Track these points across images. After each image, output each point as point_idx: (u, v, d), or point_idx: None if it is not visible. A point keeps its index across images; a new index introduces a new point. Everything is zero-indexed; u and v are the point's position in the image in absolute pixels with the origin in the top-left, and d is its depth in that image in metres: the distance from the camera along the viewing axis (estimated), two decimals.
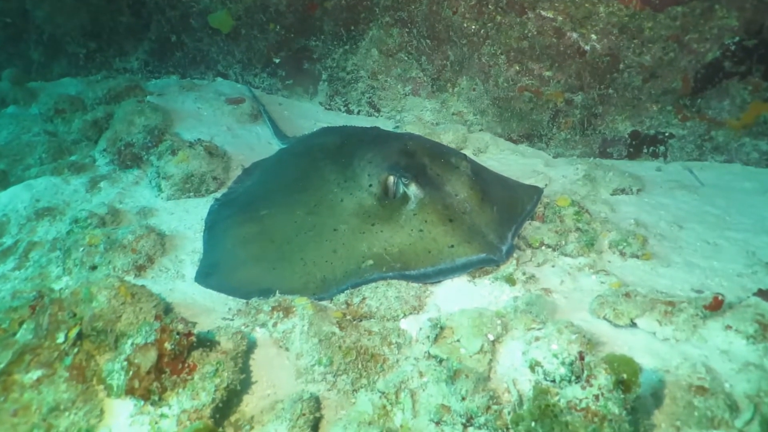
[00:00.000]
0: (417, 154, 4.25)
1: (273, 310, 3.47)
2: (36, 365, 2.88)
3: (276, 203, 4.48)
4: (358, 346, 3.23)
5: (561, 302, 3.78)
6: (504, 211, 4.12)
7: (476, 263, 3.74)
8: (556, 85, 6.16)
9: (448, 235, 3.79)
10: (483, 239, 3.79)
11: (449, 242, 3.77)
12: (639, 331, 3.47)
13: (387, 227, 3.92)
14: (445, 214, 3.87)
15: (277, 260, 4.00)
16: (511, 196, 4.48)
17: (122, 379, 2.79)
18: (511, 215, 4.16)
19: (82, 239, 4.15)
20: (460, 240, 3.78)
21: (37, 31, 8.13)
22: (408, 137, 4.87)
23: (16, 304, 3.29)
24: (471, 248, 3.74)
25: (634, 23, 5.63)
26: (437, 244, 3.79)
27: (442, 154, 4.29)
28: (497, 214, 4.00)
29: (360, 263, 3.83)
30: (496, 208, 4.04)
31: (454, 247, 3.75)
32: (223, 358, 2.89)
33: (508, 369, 3.21)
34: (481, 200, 4.03)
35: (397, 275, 3.74)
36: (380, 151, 4.41)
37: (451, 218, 3.85)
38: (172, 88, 7.67)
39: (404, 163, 4.14)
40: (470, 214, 3.92)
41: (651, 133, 6.24)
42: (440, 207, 3.90)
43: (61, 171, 5.66)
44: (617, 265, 4.31)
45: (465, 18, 6.23)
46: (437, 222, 3.85)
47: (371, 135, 5.07)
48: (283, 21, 7.17)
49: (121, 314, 3.12)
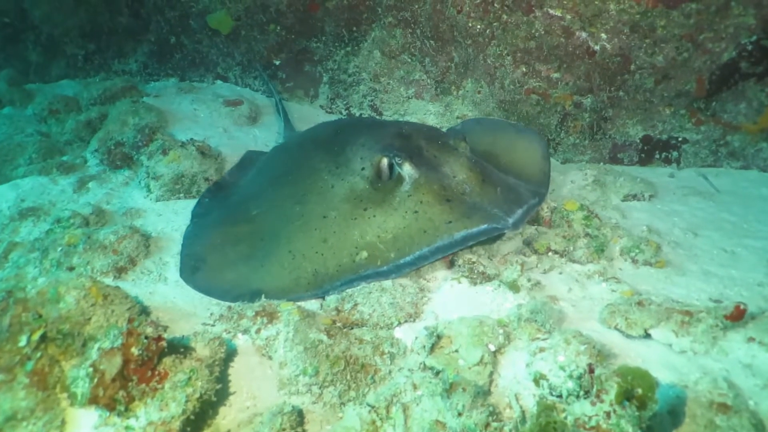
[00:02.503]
0: (413, 136, 4.03)
1: (257, 315, 3.23)
2: None
3: (267, 199, 4.28)
4: (347, 356, 2.98)
5: (568, 311, 3.52)
6: (510, 193, 3.81)
7: (477, 235, 3.47)
8: (565, 87, 5.93)
9: (446, 213, 3.57)
10: (485, 212, 3.54)
11: (447, 219, 3.54)
12: (653, 342, 3.20)
13: (380, 211, 3.70)
14: (442, 194, 3.65)
15: (265, 257, 3.78)
16: (516, 183, 4.15)
17: (86, 387, 2.55)
18: (519, 198, 3.81)
19: (61, 239, 3.93)
20: (458, 216, 3.55)
21: (35, 32, 8.01)
22: (405, 123, 4.66)
23: None
24: (471, 222, 3.49)
25: (646, 21, 5.39)
26: (433, 222, 3.55)
27: (439, 136, 4.06)
28: (502, 195, 3.71)
29: (353, 255, 3.60)
30: (500, 190, 3.76)
31: (452, 222, 3.52)
32: (198, 365, 2.64)
33: (510, 382, 2.95)
34: (482, 181, 3.78)
35: (392, 268, 3.51)
36: (374, 135, 4.19)
37: (449, 198, 3.64)
38: (169, 89, 7.50)
39: (398, 144, 3.94)
40: (470, 194, 3.69)
41: (663, 137, 5.99)
42: (437, 187, 3.68)
43: (50, 171, 5.48)
44: (629, 273, 4.06)
45: (470, 17, 6.01)
46: (433, 202, 3.63)
47: (366, 123, 4.88)
48: (284, 22, 6.99)
49: (90, 316, 2.89)
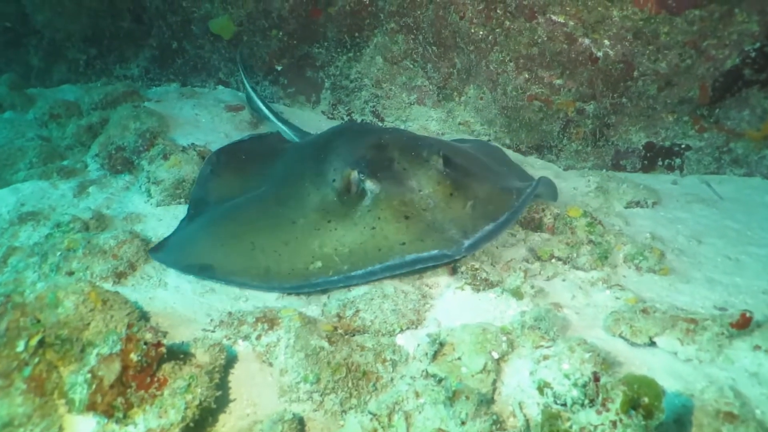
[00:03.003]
0: (389, 147, 4.01)
1: (257, 322, 3.19)
2: None
3: (258, 194, 4.40)
4: (348, 363, 2.94)
5: (572, 318, 3.48)
6: (486, 205, 3.76)
7: (426, 260, 3.45)
8: (567, 93, 5.90)
9: (401, 232, 3.56)
10: (441, 235, 3.50)
11: (401, 239, 3.54)
12: (658, 350, 3.17)
13: (341, 225, 3.74)
14: (401, 210, 3.65)
15: (228, 237, 3.93)
16: (502, 190, 4.06)
17: (84, 393, 2.51)
18: (497, 209, 3.74)
19: (61, 243, 3.91)
20: (412, 237, 3.53)
21: (37, 36, 8.00)
22: (391, 130, 4.70)
23: None
24: (423, 245, 3.47)
25: (649, 28, 5.37)
26: (388, 241, 3.55)
27: (415, 147, 4.00)
28: (471, 210, 3.67)
29: (308, 263, 3.64)
30: (472, 203, 3.71)
31: (405, 244, 3.50)
32: (198, 372, 2.61)
33: (513, 390, 2.91)
34: (450, 195, 3.73)
35: (342, 278, 3.52)
36: (350, 145, 4.23)
37: (408, 215, 3.63)
38: (171, 95, 7.48)
39: (370, 156, 3.95)
40: (433, 210, 3.65)
41: (666, 144, 5.96)
42: (396, 203, 3.68)
43: (50, 175, 5.45)
44: (633, 280, 4.02)
45: (472, 23, 5.99)
46: (391, 219, 3.63)
47: (356, 129, 4.93)
48: (286, 27, 6.97)
49: (89, 322, 2.85)
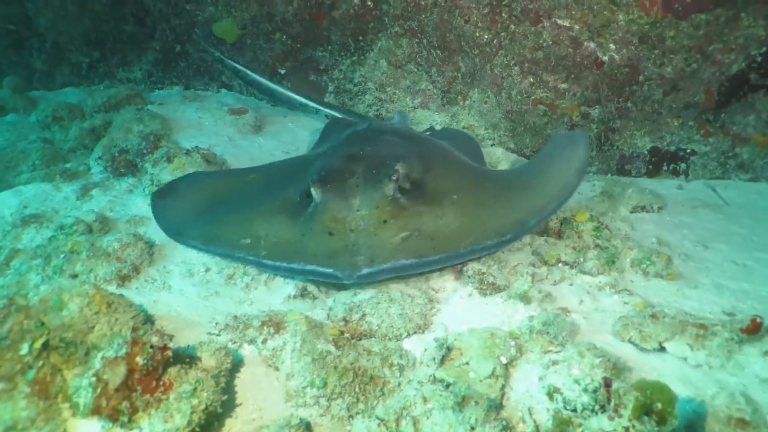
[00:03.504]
0: (361, 160, 4.04)
1: (263, 325, 3.16)
2: None
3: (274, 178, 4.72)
4: (355, 367, 2.91)
5: (580, 323, 3.45)
6: (424, 240, 3.63)
7: (319, 275, 3.54)
8: (572, 97, 5.88)
9: (320, 246, 3.64)
10: (347, 258, 3.51)
11: (315, 251, 3.63)
12: (668, 356, 3.13)
13: (285, 221, 3.93)
14: (329, 225, 3.71)
15: (208, 205, 4.41)
16: (459, 230, 3.79)
17: (89, 397, 2.48)
18: (432, 247, 3.59)
19: (64, 246, 3.88)
20: (325, 252, 3.60)
21: (40, 39, 7.99)
22: (389, 138, 4.72)
23: None
24: (327, 261, 3.54)
25: (655, 32, 5.35)
26: (306, 248, 3.68)
27: (382, 164, 3.96)
28: (400, 240, 3.59)
29: (241, 238, 3.90)
30: (407, 235, 3.63)
31: (316, 256, 3.60)
32: (204, 376, 2.58)
33: (522, 396, 2.88)
34: (383, 222, 3.67)
35: (254, 260, 3.77)
36: (340, 150, 4.41)
37: (333, 231, 3.68)
38: (174, 98, 7.46)
39: (337, 167, 4.02)
40: (359, 232, 3.64)
41: (672, 149, 5.94)
42: (328, 218, 3.73)
43: (53, 178, 5.42)
44: (640, 285, 3.99)
45: (477, 27, 5.97)
46: (318, 231, 3.71)
47: (364, 134, 5.06)
48: (290, 31, 6.96)
49: (93, 325, 2.82)
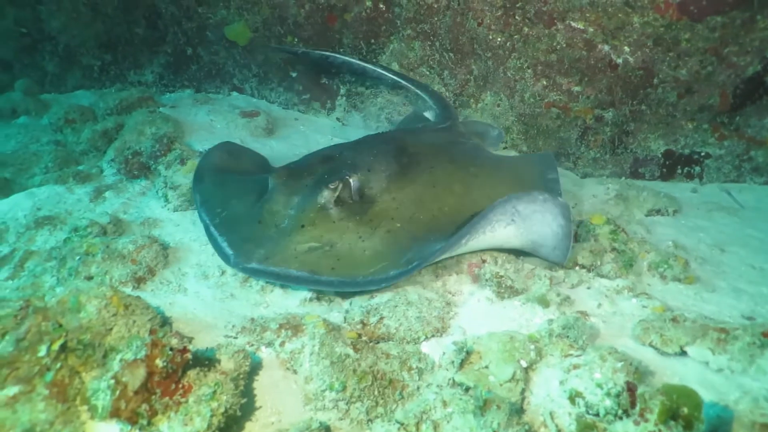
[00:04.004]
0: (329, 162, 4.21)
1: (280, 328, 3.14)
2: (13, 380, 2.57)
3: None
4: (374, 371, 2.89)
5: (600, 327, 3.42)
6: (327, 258, 3.66)
7: (221, 251, 3.90)
8: (586, 100, 5.85)
9: (249, 229, 3.95)
10: (251, 247, 3.78)
11: (243, 233, 3.97)
12: (689, 360, 3.11)
13: (252, 202, 4.27)
14: (263, 214, 3.99)
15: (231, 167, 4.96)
16: (374, 253, 3.74)
17: (107, 400, 2.47)
18: (333, 269, 3.60)
19: (79, 248, 3.87)
20: (245, 236, 3.92)
21: (52, 42, 7.99)
22: (381, 146, 4.63)
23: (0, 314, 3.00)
24: (236, 244, 3.87)
25: (670, 34, 5.32)
26: (240, 227, 4.03)
27: (338, 171, 4.04)
28: (306, 249, 3.71)
29: (219, 207, 4.35)
30: (315, 246, 3.73)
31: (239, 235, 3.94)
32: (223, 379, 2.56)
33: (543, 400, 2.85)
34: (301, 227, 3.82)
35: (205, 224, 4.23)
36: (326, 149, 4.72)
37: (261, 221, 3.97)
38: (185, 100, 7.45)
39: (305, 163, 4.32)
40: (279, 229, 3.85)
41: (686, 152, 5.90)
42: (266, 207, 3.99)
43: (66, 180, 5.42)
44: (658, 289, 3.96)
45: (490, 30, 5.94)
46: (256, 217, 4.01)
47: (364, 138, 5.17)
48: (302, 33, 6.94)
49: (111, 327, 2.81)
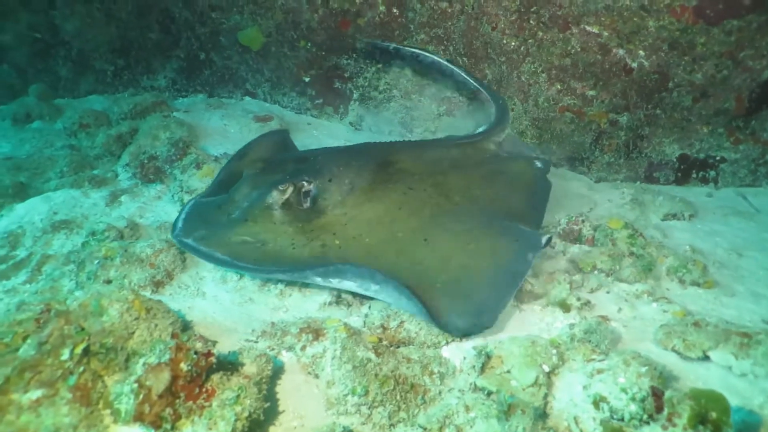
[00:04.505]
0: (301, 163, 4.36)
1: (301, 332, 3.14)
2: (36, 384, 2.57)
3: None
4: (396, 375, 2.88)
5: (621, 331, 3.40)
6: (244, 249, 3.74)
7: (174, 222, 4.17)
8: (600, 105, 5.84)
9: (208, 213, 4.21)
10: (198, 227, 3.99)
11: (201, 215, 4.22)
12: (712, 364, 3.08)
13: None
14: (226, 201, 4.20)
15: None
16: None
17: (131, 404, 2.46)
18: (248, 256, 3.70)
19: (98, 252, 3.88)
20: (200, 218, 4.15)
21: (66, 47, 8.02)
22: (367, 159, 4.58)
23: (21, 317, 3.00)
24: (189, 223, 4.11)
25: (685, 38, 5.30)
26: (205, 209, 4.31)
27: (298, 175, 4.08)
28: (239, 242, 3.78)
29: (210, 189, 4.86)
30: (248, 240, 3.79)
31: (197, 220, 4.14)
32: (246, 383, 2.55)
33: (567, 405, 2.83)
34: (245, 221, 3.92)
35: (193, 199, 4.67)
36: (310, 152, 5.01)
37: (221, 206, 4.20)
38: (198, 105, 7.47)
39: (281, 160, 4.60)
40: (229, 218, 4.02)
41: (701, 156, 5.89)
42: (230, 197, 4.18)
43: (81, 184, 5.43)
44: (677, 293, 3.94)
45: (504, 34, 5.94)
46: (221, 200, 4.29)
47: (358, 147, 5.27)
48: (315, 38, 6.95)
49: (133, 330, 2.81)
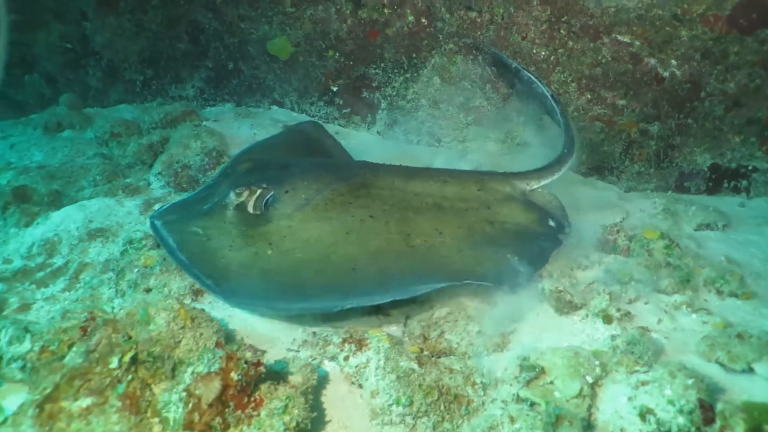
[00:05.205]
0: (280, 170, 4.46)
1: (344, 342, 3.15)
2: (86, 392, 2.61)
3: None
4: (439, 385, 2.88)
5: (663, 343, 3.38)
6: (200, 251, 3.93)
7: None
8: (630, 114, 5.82)
9: (192, 199, 4.58)
10: (173, 212, 4.33)
11: (185, 202, 4.62)
12: (757, 377, 3.05)
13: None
14: (209, 192, 4.53)
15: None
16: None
17: (180, 412, 2.49)
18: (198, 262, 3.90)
19: (137, 260, 3.93)
20: (183, 204, 4.53)
21: (96, 57, 8.13)
22: (336, 172, 4.65)
23: (66, 325, 3.05)
24: (169, 208, 4.48)
25: (718, 48, 5.28)
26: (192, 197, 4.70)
27: (262, 182, 4.25)
28: (190, 235, 4.03)
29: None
30: (200, 234, 4.03)
31: (179, 206, 4.51)
32: (293, 392, 2.57)
33: (612, 416, 2.81)
34: (205, 214, 4.18)
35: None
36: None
37: (204, 196, 4.49)
38: (227, 114, 7.53)
39: (268, 162, 4.74)
40: (201, 208, 4.26)
41: (732, 166, 5.84)
42: (212, 189, 4.53)
43: (115, 193, 5.50)
44: (715, 304, 3.90)
45: (534, 44, 5.95)
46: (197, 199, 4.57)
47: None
48: (343, 48, 7.00)
49: (180, 339, 2.83)
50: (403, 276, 3.61)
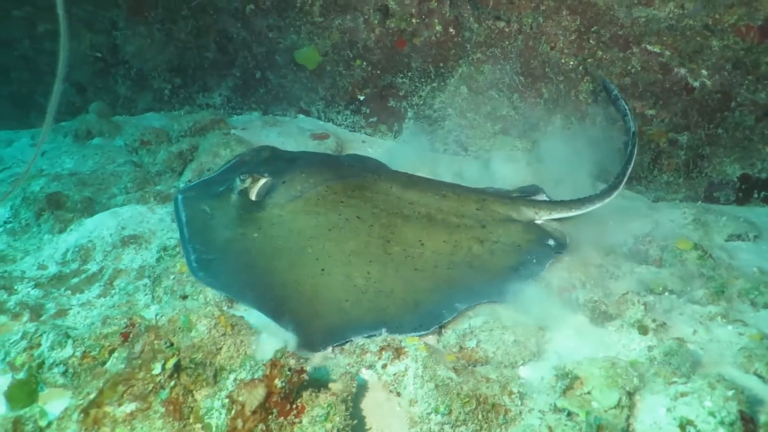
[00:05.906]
0: (287, 162, 4.74)
1: (381, 350, 3.16)
2: (129, 397, 2.65)
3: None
4: (477, 394, 2.88)
5: (699, 354, 3.36)
6: (202, 230, 4.24)
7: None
8: (660, 124, 5.80)
9: (214, 180, 4.89)
10: (195, 190, 4.73)
11: (207, 182, 4.98)
12: None
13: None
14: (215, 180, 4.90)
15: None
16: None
17: (222, 419, 2.52)
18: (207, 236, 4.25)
19: (173, 267, 3.98)
20: (205, 182, 4.94)
21: (125, 66, 8.26)
22: (342, 168, 4.78)
23: (107, 331, 3.11)
24: (194, 185, 4.98)
25: (750, 58, 5.26)
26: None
27: (270, 170, 4.54)
28: (201, 211, 4.36)
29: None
30: (210, 214, 4.34)
31: (202, 184, 4.98)
32: (334, 400, 2.59)
33: (650, 427, 2.80)
34: (217, 196, 4.51)
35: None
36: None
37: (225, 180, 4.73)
38: (254, 123, 7.60)
39: (281, 156, 4.98)
40: (218, 190, 4.59)
41: (763, 176, 5.80)
42: (212, 183, 4.81)
43: (147, 200, 5.57)
44: (750, 316, 3.87)
45: (563, 53, 5.96)
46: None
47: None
48: (370, 57, 7.04)
49: (221, 346, 2.87)
50: (365, 290, 3.68)
